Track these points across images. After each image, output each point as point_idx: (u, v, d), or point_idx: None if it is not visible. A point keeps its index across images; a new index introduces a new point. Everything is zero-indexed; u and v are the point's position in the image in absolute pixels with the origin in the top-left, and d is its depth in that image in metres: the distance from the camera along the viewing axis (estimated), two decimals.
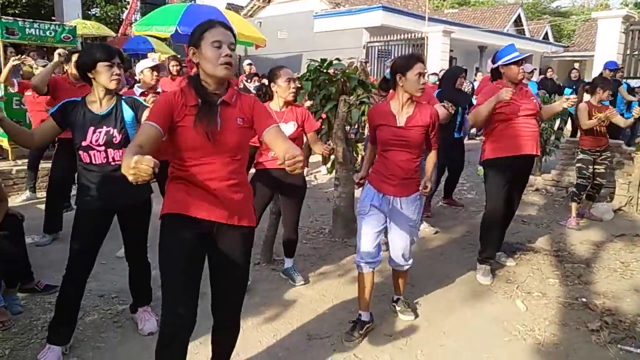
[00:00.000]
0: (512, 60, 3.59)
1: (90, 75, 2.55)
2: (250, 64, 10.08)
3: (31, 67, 5.51)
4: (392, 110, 2.82)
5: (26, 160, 5.92)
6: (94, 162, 2.58)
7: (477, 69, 17.34)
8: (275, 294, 3.51)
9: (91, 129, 2.54)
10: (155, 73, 4.42)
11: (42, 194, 5.79)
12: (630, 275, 3.80)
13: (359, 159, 5.28)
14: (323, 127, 4.75)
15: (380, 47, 15.17)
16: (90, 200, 2.62)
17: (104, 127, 2.56)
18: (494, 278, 3.75)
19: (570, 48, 24.41)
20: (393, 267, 3.09)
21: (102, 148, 2.56)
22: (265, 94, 3.53)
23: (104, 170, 2.59)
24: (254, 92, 7.80)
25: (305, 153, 7.64)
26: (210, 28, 1.91)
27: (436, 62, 13.46)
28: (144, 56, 10.98)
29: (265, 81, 3.55)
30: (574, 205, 5.18)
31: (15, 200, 5.78)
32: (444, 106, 4.13)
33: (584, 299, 3.40)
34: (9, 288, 3.15)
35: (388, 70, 3.10)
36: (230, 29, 1.98)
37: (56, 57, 4.34)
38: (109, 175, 2.59)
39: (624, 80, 8.64)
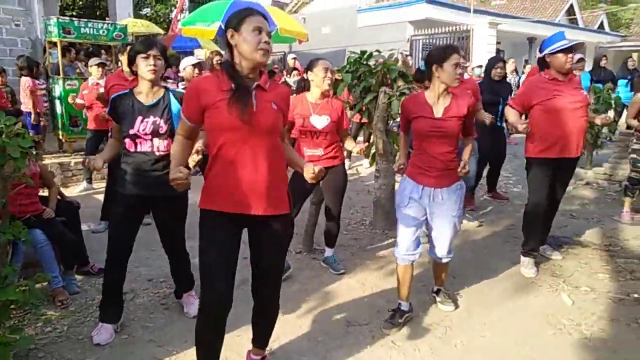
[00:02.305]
0: (560, 49, 3.47)
1: (133, 68, 2.69)
2: (294, 58, 10.18)
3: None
4: (429, 101, 2.79)
5: (83, 153, 6.25)
6: (139, 150, 2.70)
7: (526, 61, 16.77)
8: (315, 281, 3.57)
9: (139, 118, 2.67)
10: (197, 70, 4.57)
11: (97, 185, 6.11)
12: None
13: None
14: (364, 119, 4.77)
15: (424, 41, 14.94)
16: (130, 186, 2.71)
17: (151, 116, 2.68)
18: (538, 271, 3.66)
19: (628, 38, 23.17)
20: (434, 259, 3.08)
21: (149, 137, 2.68)
22: (304, 87, 3.59)
23: (148, 158, 2.70)
24: (293, 86, 7.88)
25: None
26: (251, 15, 1.99)
27: (482, 54, 13.14)
28: (192, 53, 11.32)
29: (305, 75, 3.60)
30: (627, 199, 4.96)
31: (74, 190, 6.11)
32: (485, 118, 4.33)
33: (636, 295, 3.27)
34: (67, 269, 3.36)
35: (423, 62, 3.07)
36: (268, 20, 2.05)
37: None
38: (151, 164, 2.70)
39: None
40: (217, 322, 2.08)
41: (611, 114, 7.65)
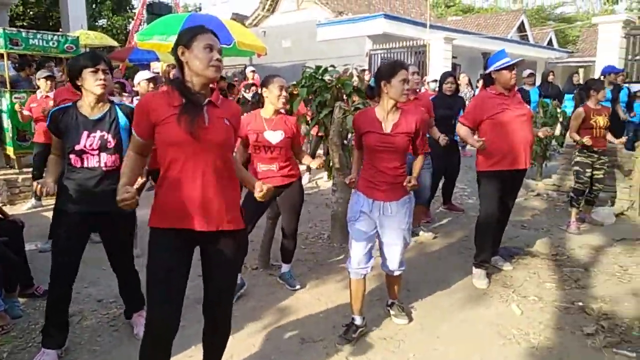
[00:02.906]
0: (505, 66, 3.62)
1: (78, 82, 2.62)
2: (253, 71, 10.16)
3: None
4: (378, 117, 2.84)
5: (31, 169, 6.01)
6: (85, 165, 2.62)
7: (481, 75, 17.32)
8: (270, 298, 3.53)
9: (85, 132, 2.59)
10: (151, 85, 4.50)
11: (47, 202, 5.87)
12: (628, 280, 3.78)
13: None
14: (321, 133, 4.80)
15: (382, 55, 15.22)
16: (74, 203, 2.63)
17: (98, 131, 2.61)
18: (490, 282, 3.75)
19: (575, 54, 24.33)
20: (386, 272, 3.11)
21: (96, 152, 2.61)
22: (259, 102, 3.58)
23: (94, 173, 2.62)
24: (251, 100, 7.86)
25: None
26: (202, 32, 2.01)
27: (439, 68, 13.46)
28: (149, 66, 11.12)
29: (259, 90, 3.61)
30: (573, 210, 5.17)
31: (21, 208, 5.87)
32: (439, 138, 4.50)
33: (580, 303, 3.39)
34: (9, 292, 3.20)
35: (372, 78, 3.12)
36: (218, 37, 2.07)
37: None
38: (97, 180, 2.62)
39: (625, 84, 8.61)
40: (163, 344, 2.03)
41: (558, 127, 8.00)
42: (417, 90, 5.06)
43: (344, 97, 4.51)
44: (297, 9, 19.28)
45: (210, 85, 2.07)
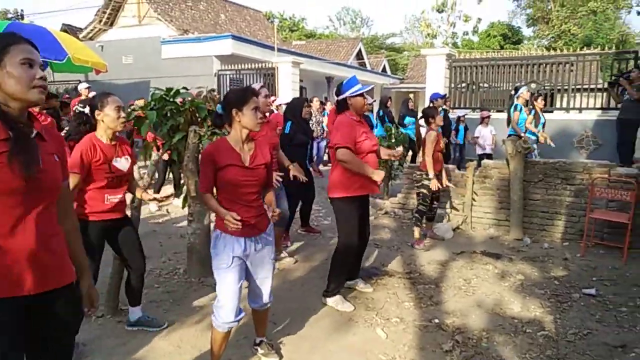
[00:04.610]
0: (360, 92, 3.72)
1: None
2: (88, 88, 9.24)
3: None
4: (235, 148, 2.62)
5: None
6: None
7: (326, 99, 18.18)
8: (122, 350, 3.08)
9: None
10: None
11: None
12: (472, 292, 4.13)
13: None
14: (174, 158, 4.44)
15: (231, 76, 15.08)
16: None
17: None
18: (354, 305, 3.78)
19: (405, 80, 27.05)
20: (256, 309, 2.91)
21: None
22: (86, 123, 3.15)
23: None
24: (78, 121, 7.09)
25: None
26: (17, 43, 1.59)
27: (287, 91, 13.78)
28: None
29: (87, 109, 3.17)
30: (417, 229, 5.55)
31: None
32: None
33: (436, 320, 3.58)
34: None
35: (219, 106, 2.89)
36: (37, 49, 1.66)
37: None
38: None
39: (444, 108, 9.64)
40: None
41: (400, 149, 8.63)
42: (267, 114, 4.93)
43: (199, 120, 4.24)
44: (138, 24, 18.18)
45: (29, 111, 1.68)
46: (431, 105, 7.62)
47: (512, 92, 7.50)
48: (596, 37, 26.49)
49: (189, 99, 4.17)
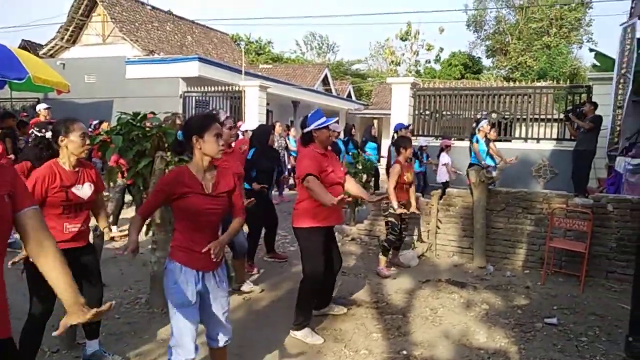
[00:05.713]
0: (326, 124, 3.75)
1: None
2: (48, 108, 8.95)
3: None
4: (197, 176, 2.55)
5: None
6: None
7: (292, 122, 18.27)
8: None
9: None
10: None
11: None
12: (439, 322, 4.14)
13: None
14: (138, 184, 4.33)
15: (198, 98, 14.98)
16: None
17: None
18: (321, 336, 3.72)
19: (370, 106, 27.52)
20: (214, 347, 2.77)
21: None
22: (49, 149, 3.04)
23: None
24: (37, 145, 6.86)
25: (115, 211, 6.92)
26: None
27: (254, 115, 13.78)
28: None
29: (48, 134, 3.06)
30: (383, 258, 5.56)
31: None
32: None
33: (404, 352, 3.56)
34: None
35: (180, 132, 2.82)
36: None
37: None
38: None
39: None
40: None
41: (364, 175, 8.71)
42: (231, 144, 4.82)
43: (166, 146, 4.16)
44: (103, 42, 17.89)
45: None
46: (395, 135, 7.76)
47: (474, 124, 7.72)
48: (550, 69, 27.86)
49: (157, 124, 4.10)
